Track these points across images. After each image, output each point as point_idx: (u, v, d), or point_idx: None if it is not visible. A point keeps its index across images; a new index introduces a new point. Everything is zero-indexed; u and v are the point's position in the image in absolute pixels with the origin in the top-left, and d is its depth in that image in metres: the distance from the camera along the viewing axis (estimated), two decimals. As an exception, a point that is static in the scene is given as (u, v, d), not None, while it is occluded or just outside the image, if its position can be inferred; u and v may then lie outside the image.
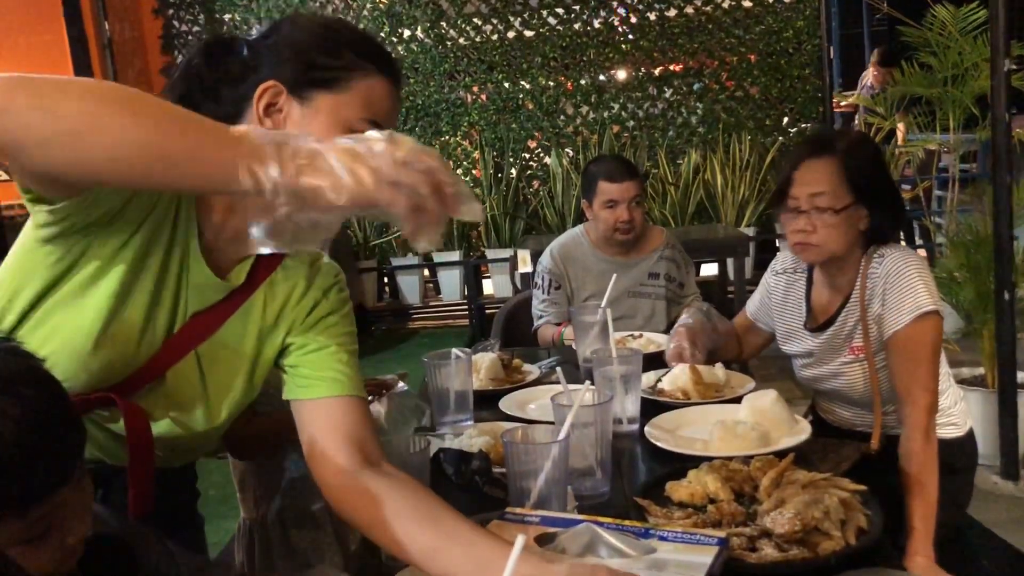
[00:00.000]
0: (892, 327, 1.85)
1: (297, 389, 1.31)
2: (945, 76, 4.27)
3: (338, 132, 1.16)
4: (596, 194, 2.93)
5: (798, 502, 1.27)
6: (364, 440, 1.27)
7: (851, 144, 1.92)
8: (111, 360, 1.19)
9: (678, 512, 1.37)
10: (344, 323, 1.38)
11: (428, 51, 6.90)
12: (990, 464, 3.50)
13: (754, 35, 6.65)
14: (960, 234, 3.99)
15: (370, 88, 1.22)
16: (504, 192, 6.63)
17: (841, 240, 1.90)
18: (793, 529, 1.22)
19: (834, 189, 1.87)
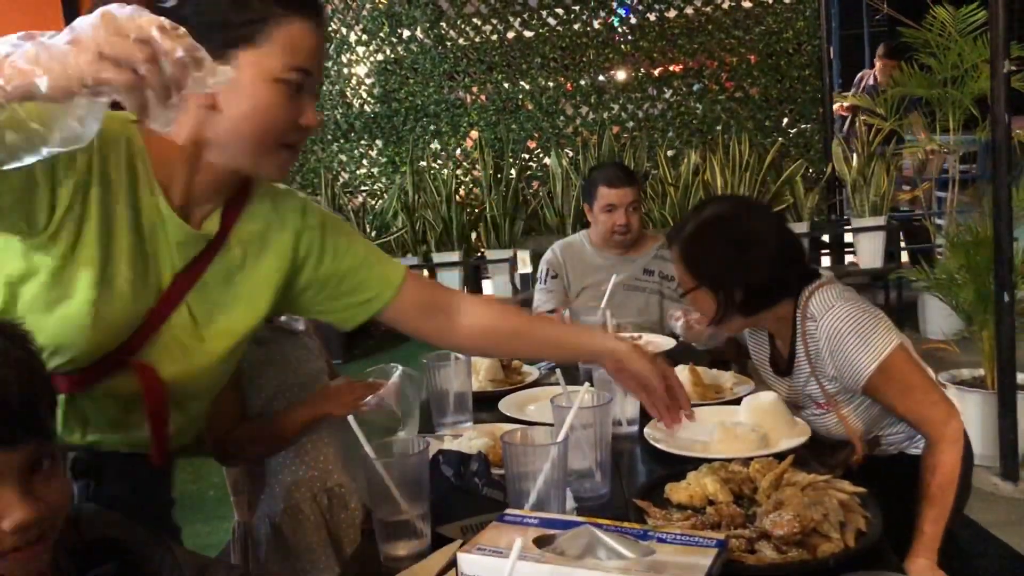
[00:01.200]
0: (860, 380, 1.81)
1: (373, 304, 1.49)
2: (945, 77, 4.28)
3: (266, 88, 1.20)
4: (596, 198, 3.09)
5: (798, 504, 1.27)
6: (434, 286, 1.64)
7: (696, 228, 1.93)
8: (112, 327, 1.26)
9: (677, 514, 1.36)
10: (340, 231, 1.49)
11: (427, 51, 6.90)
12: (989, 465, 3.50)
13: (754, 36, 6.65)
14: (960, 235, 3.99)
15: (289, 34, 1.21)
16: (504, 193, 6.63)
17: (707, 315, 1.96)
18: (792, 531, 1.21)
19: (680, 274, 1.97)
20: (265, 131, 1.23)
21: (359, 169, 7.17)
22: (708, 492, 1.40)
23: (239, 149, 1.25)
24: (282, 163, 1.29)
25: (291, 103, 1.23)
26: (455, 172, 6.89)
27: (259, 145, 1.25)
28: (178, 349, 1.34)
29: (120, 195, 1.22)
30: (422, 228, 6.73)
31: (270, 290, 1.42)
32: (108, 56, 0.81)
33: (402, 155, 6.98)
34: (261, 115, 1.22)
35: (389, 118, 7.02)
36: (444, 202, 6.65)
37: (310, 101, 1.26)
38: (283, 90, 1.21)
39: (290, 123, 1.24)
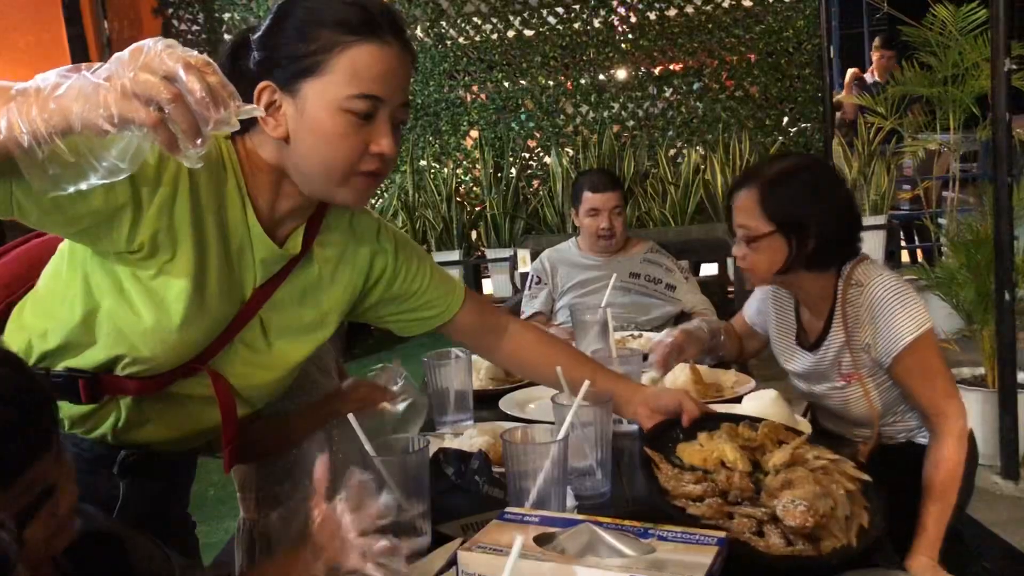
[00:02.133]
0: (892, 353, 1.83)
1: (433, 320, 1.57)
2: (945, 76, 4.28)
3: (331, 117, 1.19)
4: (581, 202, 3.18)
5: (809, 492, 1.25)
6: (488, 307, 1.66)
7: (778, 172, 1.91)
8: (195, 339, 1.28)
9: (688, 475, 1.35)
10: (411, 254, 1.53)
11: (428, 50, 6.90)
12: (990, 464, 3.50)
13: (754, 35, 6.65)
14: (960, 234, 3.99)
15: (352, 60, 1.19)
16: (504, 192, 6.63)
17: (764, 267, 1.92)
18: (805, 523, 1.20)
19: (752, 219, 1.90)
20: (333, 162, 1.22)
21: (359, 168, 7.17)
22: (728, 459, 1.36)
23: (312, 180, 1.25)
24: (360, 190, 1.27)
25: (359, 132, 1.21)
26: (455, 171, 6.90)
27: (330, 175, 1.23)
28: (247, 360, 1.37)
29: (210, 210, 1.23)
30: (422, 227, 6.73)
31: (340, 308, 1.46)
32: (135, 94, 0.84)
33: (402, 154, 6.97)
34: (327, 146, 1.21)
35: (389, 117, 7.02)
36: (444, 201, 6.66)
37: (384, 127, 1.23)
38: (349, 119, 1.19)
39: (359, 152, 1.22)
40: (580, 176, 3.39)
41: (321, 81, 1.18)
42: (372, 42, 1.19)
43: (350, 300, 1.47)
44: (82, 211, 1.10)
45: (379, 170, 1.26)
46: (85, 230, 1.14)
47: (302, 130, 1.21)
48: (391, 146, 1.23)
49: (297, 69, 1.19)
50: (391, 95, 1.22)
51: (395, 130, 1.25)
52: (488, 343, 1.66)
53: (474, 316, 1.61)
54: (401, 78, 1.24)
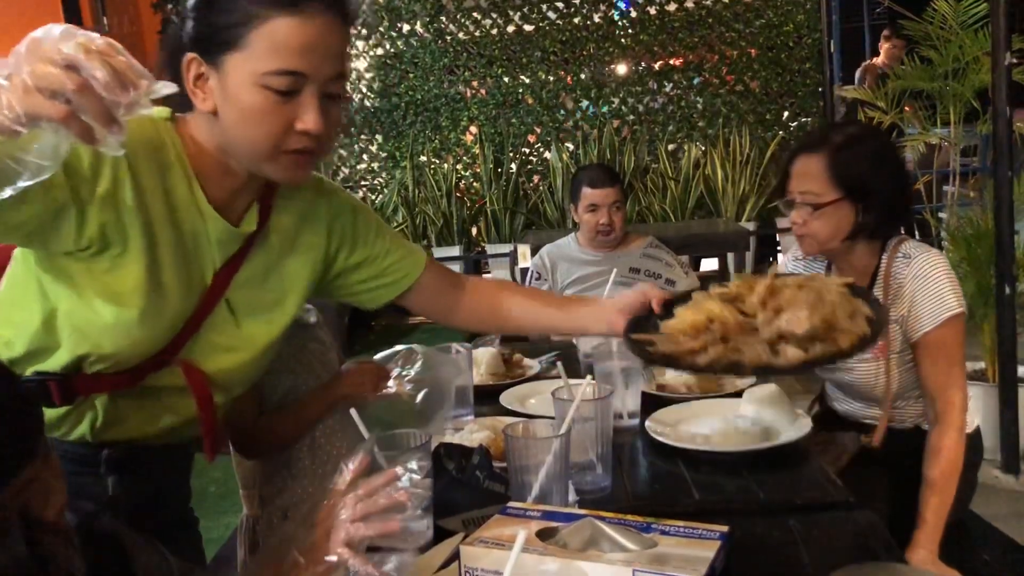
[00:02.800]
0: (922, 329, 1.84)
1: (400, 284, 1.54)
2: (946, 70, 4.27)
3: (250, 94, 1.15)
4: (580, 199, 3.15)
5: (803, 303, 1.22)
6: (445, 267, 1.65)
7: (846, 139, 1.89)
8: (159, 331, 1.26)
9: (683, 337, 1.28)
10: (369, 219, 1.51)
11: (427, 46, 6.90)
12: (991, 458, 3.50)
13: (754, 29, 6.64)
14: (961, 228, 3.99)
15: (270, 34, 1.13)
16: (504, 187, 6.63)
17: (829, 234, 1.90)
18: (814, 326, 1.18)
19: (819, 185, 1.87)
20: (255, 139, 1.18)
21: (359, 164, 7.17)
22: (716, 314, 1.27)
23: (240, 155, 1.22)
24: (290, 168, 1.22)
25: (280, 108, 1.16)
26: (455, 167, 6.89)
27: (255, 152, 1.20)
28: (220, 345, 1.35)
29: (156, 197, 1.20)
30: (422, 223, 6.73)
31: (306, 280, 1.43)
32: (37, 88, 0.80)
33: (402, 150, 6.97)
34: (248, 123, 1.17)
35: (389, 113, 7.01)
36: (444, 197, 6.65)
37: (310, 104, 1.17)
38: (268, 96, 1.15)
39: (281, 130, 1.17)
40: (579, 171, 3.37)
41: (241, 55, 1.14)
42: (292, 14, 1.13)
43: (313, 271, 1.44)
44: (23, 217, 1.07)
45: (309, 148, 1.20)
46: (31, 234, 1.12)
47: (226, 105, 1.18)
48: (317, 123, 1.17)
49: (218, 41, 1.15)
50: (316, 70, 1.16)
51: (329, 104, 1.20)
52: (449, 302, 1.62)
53: (437, 278, 1.59)
54: (330, 50, 1.17)
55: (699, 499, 1.46)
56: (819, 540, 1.29)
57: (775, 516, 1.37)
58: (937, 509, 1.74)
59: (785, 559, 1.24)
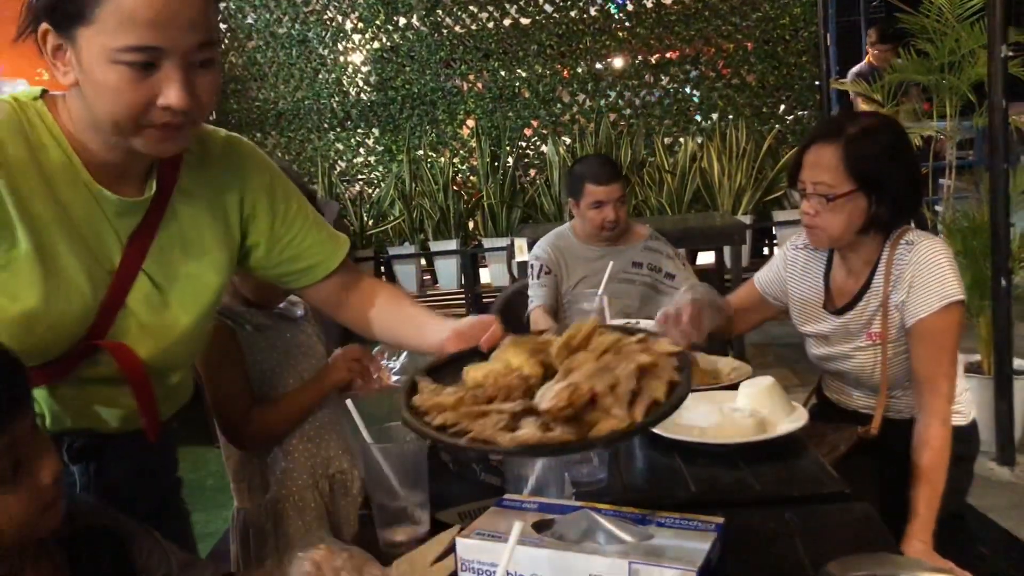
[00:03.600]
0: (918, 315, 1.85)
1: (317, 270, 1.46)
2: (942, 63, 4.27)
3: (103, 71, 1.09)
4: (583, 195, 3.03)
5: (584, 371, 1.05)
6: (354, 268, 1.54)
7: (862, 131, 1.89)
8: (71, 316, 1.21)
9: (451, 388, 1.12)
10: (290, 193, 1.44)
11: (424, 39, 6.88)
12: (986, 450, 3.51)
13: (751, 22, 6.64)
14: (957, 221, 3.99)
15: (118, 7, 1.06)
16: (501, 181, 6.62)
17: (841, 226, 1.90)
18: (559, 405, 0.98)
19: (833, 177, 1.87)
20: (113, 113, 1.12)
21: (356, 158, 7.16)
22: (513, 366, 1.12)
23: (104, 129, 1.16)
24: (158, 141, 1.16)
25: (138, 84, 1.09)
26: (452, 160, 6.88)
27: (118, 127, 1.13)
28: (148, 322, 1.30)
29: (33, 183, 1.16)
30: (419, 217, 6.73)
31: (225, 247, 1.37)
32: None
33: (399, 143, 6.96)
34: (105, 99, 1.11)
35: (386, 106, 7.00)
36: (441, 190, 6.65)
37: (173, 77, 1.10)
38: (124, 72, 1.08)
39: (142, 105, 1.10)
40: (578, 165, 3.21)
41: (91, 29, 1.07)
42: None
43: (231, 239, 1.38)
44: None
45: (175, 123, 1.14)
46: None
47: (84, 80, 1.12)
48: (180, 98, 1.10)
49: (68, 13, 1.09)
50: (173, 42, 1.08)
51: (199, 72, 1.13)
52: (344, 299, 1.51)
53: (348, 270, 1.50)
54: (187, 19, 1.09)
55: (695, 491, 1.46)
56: (815, 532, 1.30)
57: (771, 508, 1.37)
58: (927, 499, 1.75)
59: (781, 551, 1.25)
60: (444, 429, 1.04)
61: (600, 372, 1.03)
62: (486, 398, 1.06)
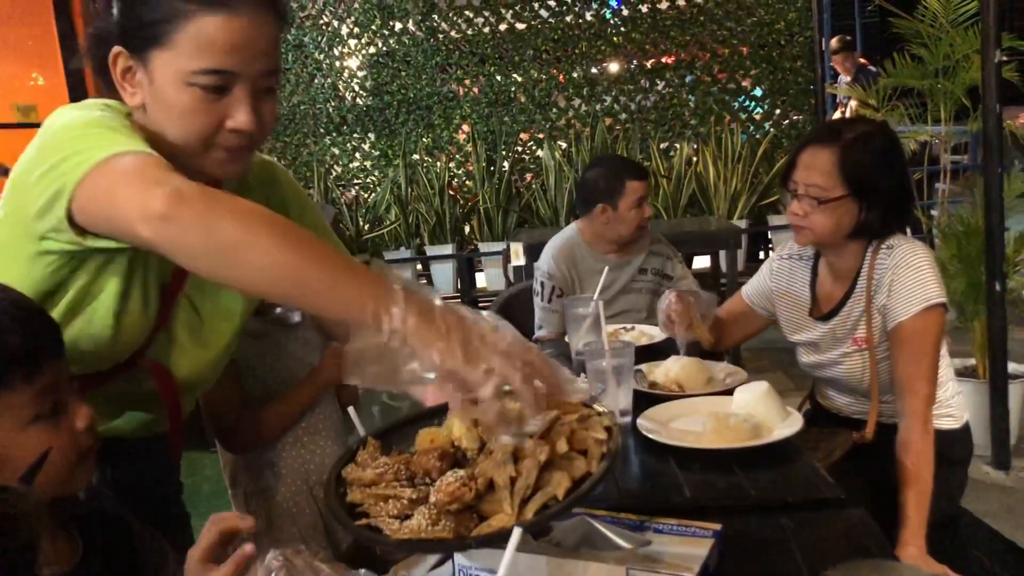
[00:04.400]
0: (898, 317, 1.86)
1: None
2: (936, 68, 4.28)
3: (177, 92, 1.13)
4: (623, 195, 2.86)
5: (490, 461, 1.02)
6: None
7: (858, 137, 1.90)
8: (129, 333, 1.26)
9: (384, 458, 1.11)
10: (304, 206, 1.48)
11: (420, 44, 6.89)
12: (981, 454, 3.51)
13: (746, 27, 6.65)
14: (951, 225, 4.00)
15: (197, 32, 1.11)
16: (497, 185, 6.63)
17: (829, 229, 1.91)
18: (446, 499, 0.97)
19: (827, 180, 1.88)
20: (184, 135, 1.16)
21: (352, 162, 7.16)
22: (454, 436, 1.10)
23: (170, 146, 1.18)
24: (223, 163, 1.20)
25: (209, 107, 1.14)
26: (448, 165, 6.89)
27: (186, 148, 1.17)
28: (186, 344, 1.34)
29: None
30: (415, 221, 6.73)
31: None
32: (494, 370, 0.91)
33: (395, 148, 6.97)
34: (176, 121, 1.15)
35: (381, 111, 7.01)
36: (437, 195, 6.65)
37: (242, 101, 1.15)
38: (197, 94, 1.13)
39: (211, 128, 1.16)
40: (605, 167, 2.98)
41: (167, 53, 1.12)
42: (219, 12, 1.11)
43: None
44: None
45: (240, 145, 1.19)
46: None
47: (154, 102, 1.16)
48: (248, 121, 1.16)
49: (145, 37, 1.13)
50: (245, 67, 1.14)
51: (262, 98, 1.18)
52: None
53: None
54: (259, 47, 1.15)
55: (691, 497, 1.46)
56: (811, 537, 1.29)
57: (767, 513, 1.37)
58: (916, 503, 1.75)
59: (777, 556, 1.25)
60: (353, 507, 1.04)
61: (503, 464, 1.00)
62: (409, 475, 1.06)
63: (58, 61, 5.80)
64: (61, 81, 5.81)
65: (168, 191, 0.95)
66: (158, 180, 0.98)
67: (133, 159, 1.02)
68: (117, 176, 1.01)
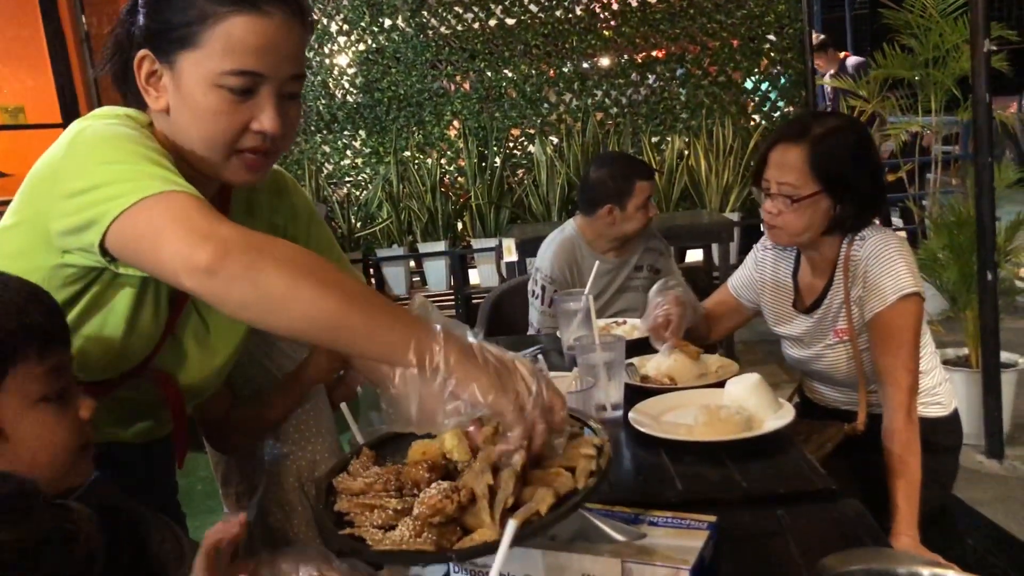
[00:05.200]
0: (873, 309, 1.86)
1: None
2: (926, 58, 4.29)
3: (204, 94, 1.13)
4: (633, 194, 2.82)
5: (473, 472, 1.02)
6: None
7: (827, 132, 1.89)
8: (139, 341, 1.26)
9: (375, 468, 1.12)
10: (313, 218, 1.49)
11: (409, 40, 6.87)
12: (975, 443, 3.53)
13: (736, 20, 6.64)
14: (943, 215, 4.01)
15: (226, 33, 1.11)
16: (488, 181, 6.62)
17: (803, 226, 1.91)
18: (428, 512, 0.96)
19: (799, 178, 1.88)
20: (210, 139, 1.16)
21: (343, 160, 7.14)
22: (445, 448, 1.09)
23: (193, 155, 1.20)
24: (244, 168, 1.20)
25: (236, 108, 1.15)
26: (439, 161, 6.88)
27: (209, 152, 1.18)
28: (192, 352, 1.35)
29: None
30: (407, 218, 6.72)
31: None
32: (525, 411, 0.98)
33: (386, 145, 6.95)
34: (202, 123, 1.15)
35: (372, 108, 6.99)
36: (429, 192, 6.64)
37: (267, 104, 1.16)
38: (224, 96, 1.13)
39: (237, 130, 1.16)
40: (611, 167, 2.90)
41: (195, 54, 1.12)
42: (248, 12, 1.11)
43: None
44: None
45: (263, 147, 1.19)
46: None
47: (179, 104, 1.16)
48: (274, 123, 1.16)
49: (173, 39, 1.13)
50: (273, 69, 1.15)
51: (287, 104, 1.19)
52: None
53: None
54: (287, 50, 1.16)
55: (683, 490, 1.46)
56: (804, 529, 1.30)
57: (759, 505, 1.37)
58: (905, 493, 1.76)
59: (772, 548, 1.25)
60: (341, 516, 1.05)
61: (481, 474, 1.00)
62: (399, 486, 1.07)
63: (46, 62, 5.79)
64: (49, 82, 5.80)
65: (214, 244, 0.96)
66: (202, 231, 0.98)
67: (174, 202, 1.02)
68: (158, 222, 1.01)
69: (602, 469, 1.03)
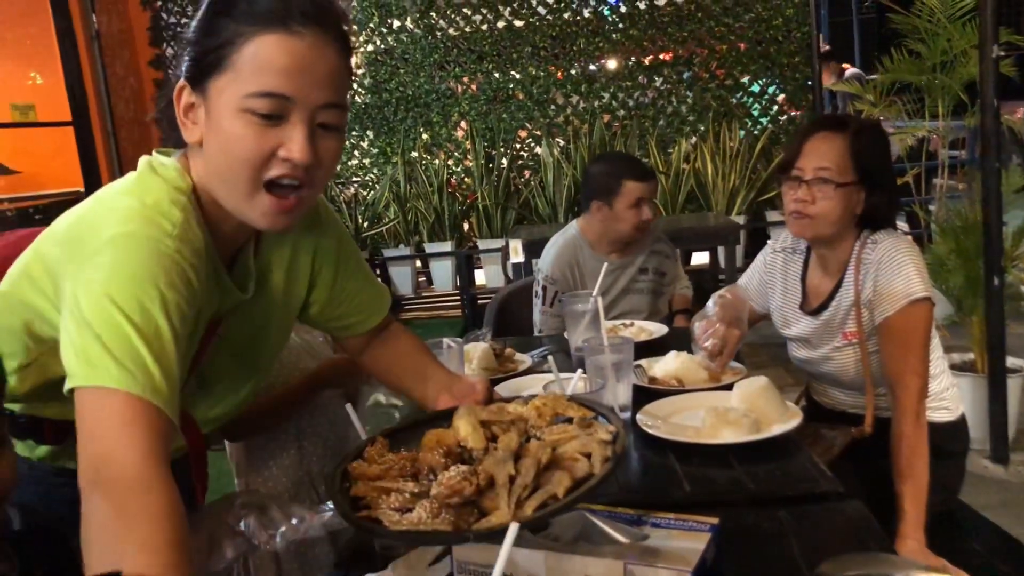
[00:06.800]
0: (884, 313, 1.87)
1: (362, 325, 1.49)
2: (934, 63, 4.28)
3: (231, 119, 1.07)
4: (620, 194, 2.82)
5: (492, 458, 1.04)
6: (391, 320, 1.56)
7: (863, 127, 1.96)
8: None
9: (390, 454, 1.14)
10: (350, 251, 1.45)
11: (418, 41, 6.88)
12: (980, 448, 3.52)
13: (743, 23, 6.64)
14: (950, 220, 4.00)
15: (254, 53, 1.05)
16: (495, 182, 6.63)
17: (836, 216, 1.93)
18: (447, 493, 0.97)
19: (840, 165, 1.91)
20: (236, 167, 1.09)
21: (350, 160, 7.16)
22: (461, 436, 1.12)
23: (220, 192, 1.14)
24: (273, 212, 1.12)
25: (263, 133, 1.07)
26: (446, 162, 6.89)
27: (235, 184, 1.11)
28: (213, 387, 1.34)
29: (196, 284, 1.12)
30: (414, 219, 6.73)
31: (291, 309, 1.41)
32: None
33: (393, 146, 6.96)
34: (230, 150, 1.08)
35: (380, 109, 7.00)
36: (436, 192, 6.65)
37: (298, 130, 1.08)
38: (250, 120, 1.06)
39: (263, 156, 1.08)
40: (605, 164, 2.96)
41: (224, 78, 1.07)
42: (276, 31, 1.05)
43: (298, 299, 1.40)
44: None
45: (291, 175, 1.10)
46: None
47: (209, 133, 1.10)
48: (303, 151, 1.08)
49: (205, 65, 1.08)
50: (303, 93, 1.07)
51: (323, 136, 1.11)
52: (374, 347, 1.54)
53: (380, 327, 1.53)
54: (319, 74, 1.08)
55: (690, 491, 1.47)
56: (810, 532, 1.30)
57: (766, 508, 1.37)
58: (912, 497, 1.76)
59: (776, 551, 1.25)
60: (357, 501, 1.05)
61: (502, 462, 1.01)
62: (414, 472, 1.07)
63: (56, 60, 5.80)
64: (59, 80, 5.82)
65: (111, 474, 0.91)
66: (104, 460, 0.93)
67: (126, 413, 0.96)
68: (99, 423, 0.96)
69: (617, 454, 1.04)
